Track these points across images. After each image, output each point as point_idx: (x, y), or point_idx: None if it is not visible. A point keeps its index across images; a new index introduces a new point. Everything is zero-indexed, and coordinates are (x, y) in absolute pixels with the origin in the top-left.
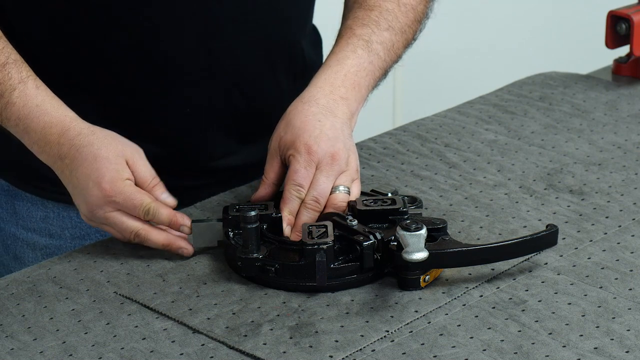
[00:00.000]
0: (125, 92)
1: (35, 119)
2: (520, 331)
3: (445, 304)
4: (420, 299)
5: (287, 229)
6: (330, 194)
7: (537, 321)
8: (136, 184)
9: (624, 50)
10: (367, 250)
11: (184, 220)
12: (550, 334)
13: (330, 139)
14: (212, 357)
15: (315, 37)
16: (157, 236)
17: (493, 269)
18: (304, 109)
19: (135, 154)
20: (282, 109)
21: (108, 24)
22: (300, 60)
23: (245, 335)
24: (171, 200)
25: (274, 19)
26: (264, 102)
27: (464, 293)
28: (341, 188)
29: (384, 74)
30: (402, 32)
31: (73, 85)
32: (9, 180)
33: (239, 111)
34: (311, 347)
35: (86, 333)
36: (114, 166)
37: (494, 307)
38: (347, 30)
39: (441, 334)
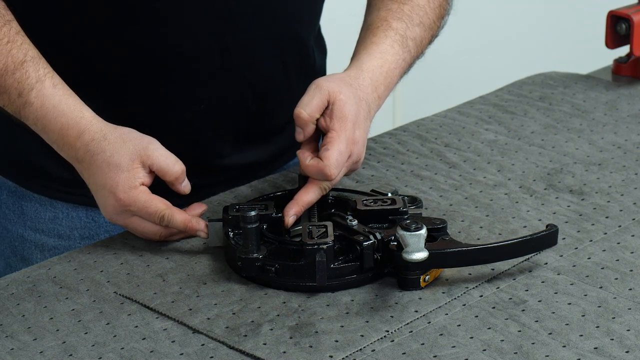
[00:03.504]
0: (140, 90)
1: (53, 120)
2: (520, 331)
3: (445, 304)
4: (420, 299)
5: (291, 218)
6: None
7: (537, 321)
8: (159, 176)
9: (624, 50)
10: (367, 250)
11: (200, 225)
12: (550, 334)
13: (364, 145)
14: (212, 357)
15: (322, 43)
16: (180, 216)
17: (493, 269)
18: (357, 96)
19: (149, 148)
20: (291, 109)
21: (124, 20)
22: (311, 61)
23: (245, 335)
24: (187, 188)
25: (287, 15)
26: (274, 100)
27: (464, 293)
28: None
29: (408, 69)
30: (430, 28)
31: (84, 83)
32: (16, 181)
33: (250, 109)
34: (311, 347)
35: (86, 333)
36: (126, 174)
37: (494, 307)
38: (383, 22)
39: (441, 334)
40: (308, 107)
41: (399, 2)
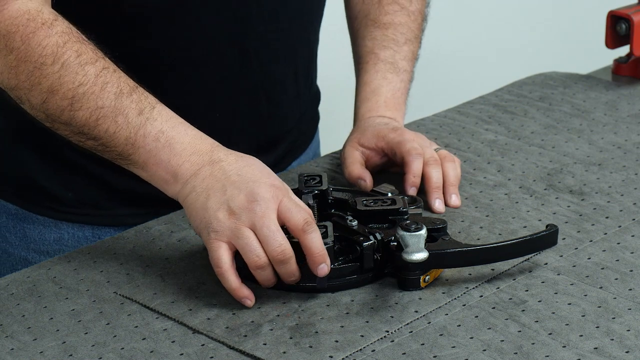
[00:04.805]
0: (157, 95)
1: (183, 132)
2: (520, 331)
3: (445, 304)
4: (420, 299)
5: (412, 190)
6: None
7: (537, 321)
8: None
9: (624, 50)
10: (367, 250)
11: (327, 258)
12: (550, 334)
13: (419, 136)
14: (212, 357)
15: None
16: (320, 238)
17: (493, 269)
18: (370, 120)
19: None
20: (297, 115)
21: (142, 24)
22: (315, 66)
23: (245, 335)
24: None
25: (299, 18)
26: (283, 106)
27: (464, 293)
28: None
29: (412, 80)
30: (416, 38)
31: None
32: (17, 204)
33: (261, 115)
34: (311, 347)
35: (86, 333)
36: (278, 179)
37: (494, 307)
38: (371, 55)
39: (441, 334)
40: (353, 167)
41: (381, 27)
